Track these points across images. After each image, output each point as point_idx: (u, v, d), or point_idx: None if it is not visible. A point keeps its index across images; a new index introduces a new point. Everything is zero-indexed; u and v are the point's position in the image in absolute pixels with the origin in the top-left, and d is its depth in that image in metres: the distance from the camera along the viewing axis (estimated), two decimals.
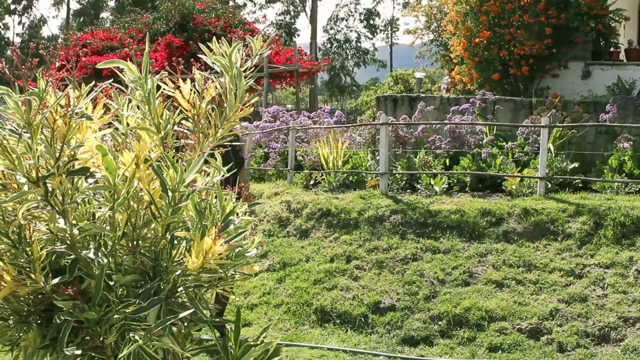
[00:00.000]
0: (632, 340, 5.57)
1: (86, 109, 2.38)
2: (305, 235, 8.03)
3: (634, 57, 13.49)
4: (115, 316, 2.28)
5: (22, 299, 2.42)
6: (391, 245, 7.30)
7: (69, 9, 56.59)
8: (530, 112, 10.35)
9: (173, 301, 2.50)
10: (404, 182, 9.32)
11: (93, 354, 2.27)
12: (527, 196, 8.08)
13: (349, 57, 60.59)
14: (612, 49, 13.73)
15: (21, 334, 2.51)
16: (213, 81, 2.57)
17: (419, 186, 8.97)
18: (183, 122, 2.61)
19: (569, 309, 6.02)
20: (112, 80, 2.59)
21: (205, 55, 2.59)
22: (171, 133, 2.54)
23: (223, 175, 2.61)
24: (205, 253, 2.27)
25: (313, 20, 50.23)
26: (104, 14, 54.71)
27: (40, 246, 2.31)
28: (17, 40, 57.30)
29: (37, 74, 2.25)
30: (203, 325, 2.68)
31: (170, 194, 2.37)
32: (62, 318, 2.22)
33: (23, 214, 2.22)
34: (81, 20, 54.56)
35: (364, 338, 6.06)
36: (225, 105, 2.57)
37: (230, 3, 25.34)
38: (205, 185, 2.57)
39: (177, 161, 2.43)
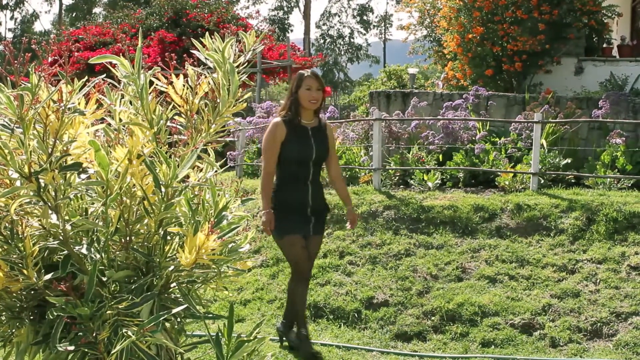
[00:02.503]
0: (624, 335, 5.59)
1: (79, 104, 2.38)
2: None
3: (627, 53, 13.53)
4: (108, 312, 2.28)
5: (14, 295, 2.41)
6: (384, 241, 7.31)
7: (61, 4, 56.36)
8: (523, 108, 10.36)
9: (166, 297, 2.50)
10: (397, 177, 9.34)
11: (86, 350, 2.27)
12: (520, 192, 8.10)
13: (342, 52, 60.63)
14: (604, 45, 13.76)
15: (14, 330, 2.51)
16: (206, 77, 2.57)
17: (412, 182, 8.98)
18: (176, 117, 2.60)
19: (562, 304, 6.04)
20: (104, 75, 2.58)
21: (198, 50, 2.59)
22: (164, 128, 2.54)
23: (216, 171, 2.61)
24: (198, 249, 2.27)
25: (306, 16, 50.20)
26: (97, 9, 54.54)
27: (33, 242, 2.31)
28: (10, 35, 57.08)
29: (29, 69, 2.24)
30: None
31: (163, 189, 2.37)
32: (55, 314, 2.22)
33: (15, 209, 2.21)
34: (74, 15, 54.36)
35: (357, 333, 6.07)
36: (218, 100, 2.57)
37: None
38: (199, 180, 2.57)
39: (170, 157, 2.43)
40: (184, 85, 2.55)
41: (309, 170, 5.07)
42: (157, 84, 2.56)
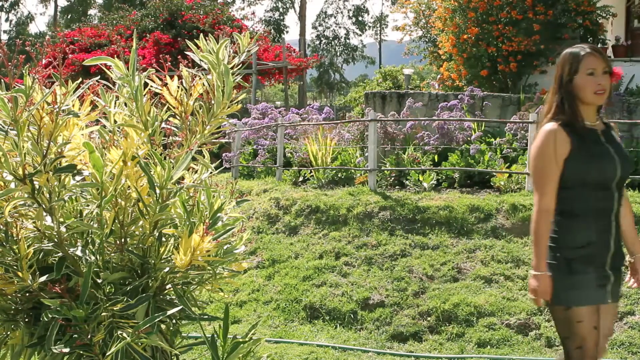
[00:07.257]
0: (620, 334, 5.60)
1: (73, 106, 2.38)
2: (294, 232, 8.03)
3: (621, 54, 13.55)
4: (103, 314, 2.27)
5: (9, 297, 2.41)
6: (380, 242, 7.31)
7: (56, 5, 56.27)
8: (519, 109, 10.39)
9: (161, 298, 2.50)
10: (392, 178, 9.34)
11: (81, 352, 2.27)
12: (516, 192, 8.11)
13: (338, 53, 60.59)
14: (599, 46, 13.78)
15: (9, 333, 2.50)
16: (200, 78, 2.57)
17: (407, 182, 8.98)
18: (170, 119, 2.60)
19: None
20: (99, 77, 2.58)
21: (193, 52, 2.59)
22: (159, 130, 2.54)
23: (211, 172, 2.61)
24: (193, 250, 2.27)
25: (302, 17, 50.17)
26: (92, 11, 54.44)
27: (28, 244, 2.30)
28: (4, 37, 56.94)
29: (23, 71, 2.24)
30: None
31: (158, 191, 2.37)
32: (50, 316, 2.22)
33: (10, 211, 2.21)
34: (69, 17, 54.26)
35: (353, 334, 6.07)
36: (212, 102, 2.57)
37: (219, 0, 25.31)
38: (193, 182, 2.57)
39: (165, 158, 2.43)
40: (178, 87, 2.55)
41: (613, 196, 3.23)
42: (151, 86, 2.56)
